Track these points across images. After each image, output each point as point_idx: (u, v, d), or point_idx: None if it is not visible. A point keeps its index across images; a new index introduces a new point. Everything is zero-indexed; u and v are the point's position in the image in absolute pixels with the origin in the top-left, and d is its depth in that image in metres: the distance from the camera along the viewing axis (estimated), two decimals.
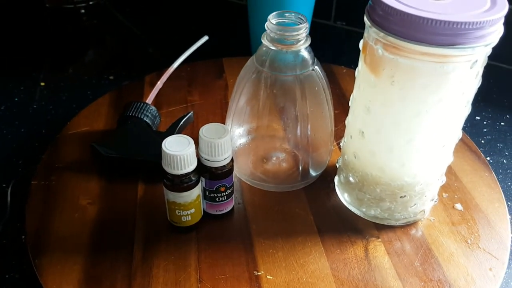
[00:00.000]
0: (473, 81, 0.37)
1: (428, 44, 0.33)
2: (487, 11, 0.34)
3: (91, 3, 0.87)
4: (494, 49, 0.36)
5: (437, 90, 0.36)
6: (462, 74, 0.35)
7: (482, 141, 0.60)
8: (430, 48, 0.34)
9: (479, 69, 0.37)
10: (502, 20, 0.34)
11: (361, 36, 0.40)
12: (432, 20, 0.32)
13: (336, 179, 0.50)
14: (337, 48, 0.80)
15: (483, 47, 0.34)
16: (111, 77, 0.71)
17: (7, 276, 0.43)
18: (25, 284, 0.42)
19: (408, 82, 0.36)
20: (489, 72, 0.38)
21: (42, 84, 0.70)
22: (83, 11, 0.88)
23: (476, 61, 0.35)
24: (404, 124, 0.39)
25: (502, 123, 0.64)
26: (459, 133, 0.41)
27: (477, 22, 0.32)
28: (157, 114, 0.56)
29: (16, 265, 0.44)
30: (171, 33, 0.84)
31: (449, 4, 0.34)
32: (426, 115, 0.37)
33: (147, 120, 0.53)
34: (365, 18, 0.37)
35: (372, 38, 0.37)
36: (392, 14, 0.34)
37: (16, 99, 0.66)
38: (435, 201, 0.46)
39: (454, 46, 0.33)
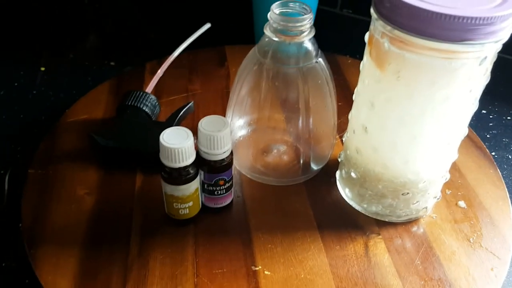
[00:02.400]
0: (481, 78, 0.36)
1: (436, 39, 0.32)
2: (498, 6, 0.32)
3: None
4: None
5: (444, 87, 0.35)
6: (470, 71, 0.34)
7: (488, 136, 0.59)
8: (439, 44, 0.32)
9: (488, 66, 0.35)
10: None
11: (368, 25, 0.39)
12: (441, 14, 0.31)
13: (337, 173, 0.49)
14: (343, 37, 0.78)
15: (493, 44, 0.33)
16: (112, 63, 0.70)
17: (3, 264, 0.43)
18: (22, 274, 0.42)
19: (415, 78, 0.35)
20: (496, 64, 0.36)
21: (43, 69, 0.69)
22: None
23: (486, 57, 0.34)
24: (409, 121, 0.37)
25: (509, 118, 0.62)
26: (465, 130, 0.40)
27: (488, 18, 0.31)
28: (156, 103, 0.55)
29: (13, 254, 0.43)
30: (173, 19, 0.83)
31: None
32: (432, 112, 0.36)
33: (146, 110, 0.52)
34: (372, 10, 0.36)
35: (378, 31, 0.36)
36: (399, 7, 0.32)
37: (15, 84, 0.65)
38: (438, 198, 0.46)
39: (463, 42, 0.32)
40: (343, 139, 0.47)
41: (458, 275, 0.41)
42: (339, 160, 0.48)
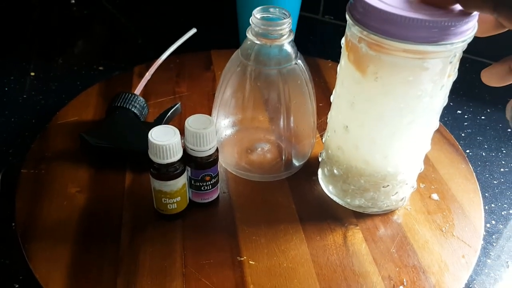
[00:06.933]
0: (451, 75, 0.39)
1: (411, 42, 0.34)
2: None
3: None
4: (476, 45, 0.38)
5: (418, 85, 0.37)
6: (441, 69, 0.37)
7: (463, 134, 0.62)
8: (413, 46, 0.35)
9: (456, 64, 0.38)
10: (477, 17, 0.36)
11: None
12: (415, 19, 0.33)
13: (319, 172, 0.51)
14: (324, 42, 0.81)
15: (460, 43, 0.35)
16: (100, 68, 0.72)
17: None
18: (15, 270, 0.43)
19: (391, 78, 0.38)
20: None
21: (32, 74, 0.70)
22: (73, 1, 0.89)
23: (455, 55, 0.37)
24: (388, 117, 0.40)
25: (483, 117, 0.65)
26: (437, 123, 0.43)
27: (455, 20, 0.34)
28: (145, 105, 0.57)
29: (6, 251, 0.45)
30: (160, 24, 0.85)
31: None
32: (407, 108, 0.39)
33: (135, 111, 0.54)
34: (347, 16, 0.38)
35: (355, 36, 0.38)
36: (373, 12, 0.35)
37: (6, 88, 0.67)
38: (414, 188, 0.48)
39: (435, 43, 0.34)
40: (323, 139, 0.49)
41: (431, 262, 0.44)
42: (320, 159, 0.51)
